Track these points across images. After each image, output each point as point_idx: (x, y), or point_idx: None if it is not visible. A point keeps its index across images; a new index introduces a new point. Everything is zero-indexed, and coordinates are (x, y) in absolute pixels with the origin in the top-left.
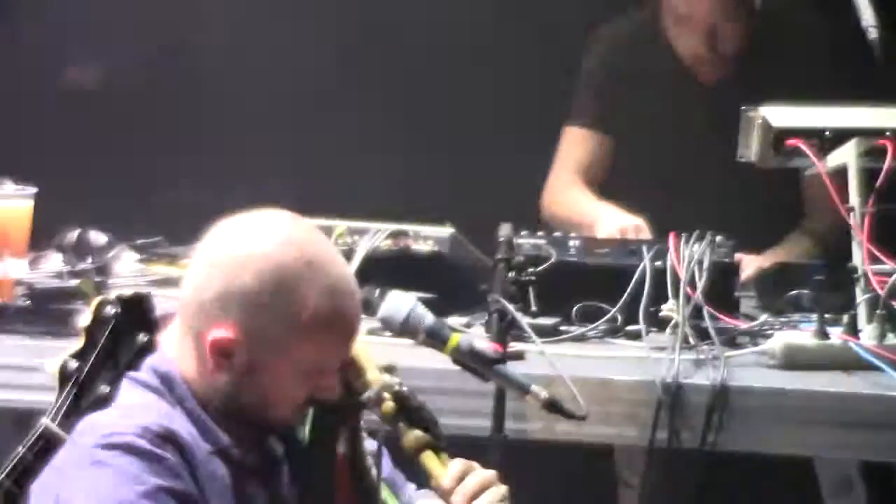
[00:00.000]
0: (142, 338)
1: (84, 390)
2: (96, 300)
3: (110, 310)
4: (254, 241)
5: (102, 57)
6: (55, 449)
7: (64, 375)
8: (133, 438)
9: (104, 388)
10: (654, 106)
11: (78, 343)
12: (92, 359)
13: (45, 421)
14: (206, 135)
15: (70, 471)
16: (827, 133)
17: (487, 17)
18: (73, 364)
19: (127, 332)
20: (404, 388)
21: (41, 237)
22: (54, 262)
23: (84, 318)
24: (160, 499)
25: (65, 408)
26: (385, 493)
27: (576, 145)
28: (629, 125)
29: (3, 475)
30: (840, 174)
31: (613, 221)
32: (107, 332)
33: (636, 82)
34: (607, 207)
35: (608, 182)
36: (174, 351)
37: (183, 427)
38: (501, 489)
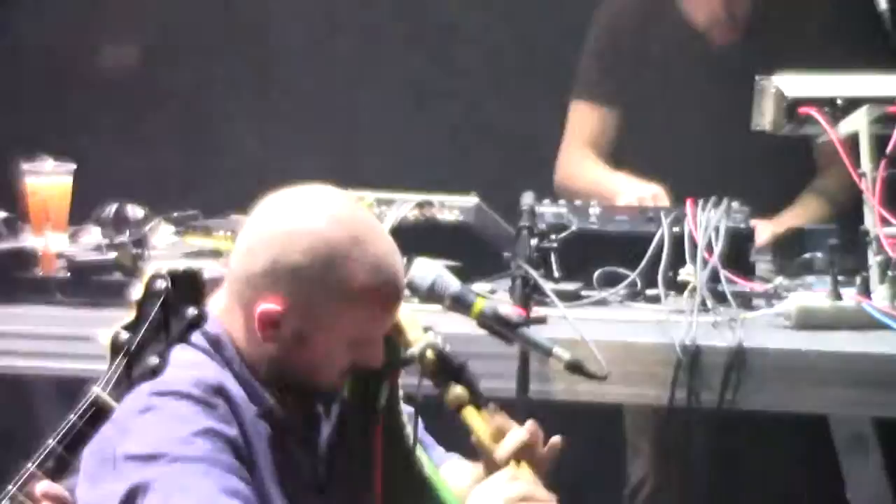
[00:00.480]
0: (191, 311)
1: (135, 361)
2: (147, 274)
3: (161, 284)
4: (301, 217)
5: (134, 34)
6: (105, 417)
7: (115, 346)
8: (187, 387)
9: (154, 360)
10: (667, 72)
11: (129, 315)
12: (143, 331)
13: (96, 389)
14: (238, 111)
15: (124, 418)
16: (839, 101)
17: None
18: (125, 335)
19: (177, 306)
20: (447, 347)
21: (80, 211)
22: (93, 235)
23: (135, 291)
24: (211, 438)
25: (115, 377)
26: (419, 451)
27: (585, 120)
28: (642, 95)
29: (54, 441)
30: (851, 141)
31: (632, 191)
32: (157, 306)
33: (647, 49)
34: (625, 177)
35: (622, 151)
36: (223, 317)
37: (232, 387)
38: (525, 434)
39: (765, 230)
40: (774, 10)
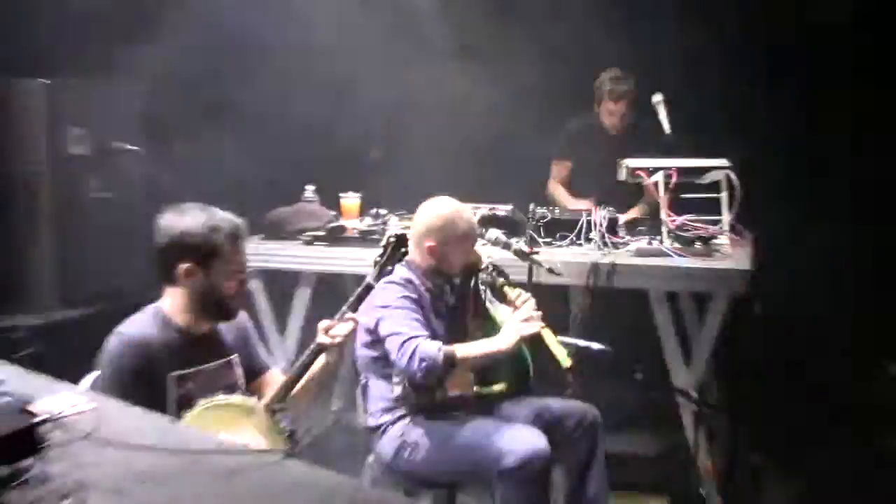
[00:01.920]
0: (403, 251)
1: (383, 268)
2: (388, 234)
3: (393, 238)
4: (438, 207)
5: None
6: (370, 291)
7: (375, 262)
8: (397, 279)
9: (390, 268)
10: (592, 147)
11: (380, 250)
12: (385, 256)
13: (369, 279)
14: (423, 164)
15: (374, 290)
16: (650, 168)
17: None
18: (379, 258)
19: (398, 247)
20: (497, 262)
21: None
22: (368, 221)
23: (383, 241)
24: (406, 300)
25: (376, 274)
26: (490, 307)
27: (560, 167)
28: (582, 158)
29: (353, 300)
30: (657, 183)
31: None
32: (391, 246)
33: (585, 138)
34: (574, 200)
35: (573, 182)
36: (411, 252)
37: (414, 277)
38: (532, 301)
39: (622, 218)
40: (637, 120)
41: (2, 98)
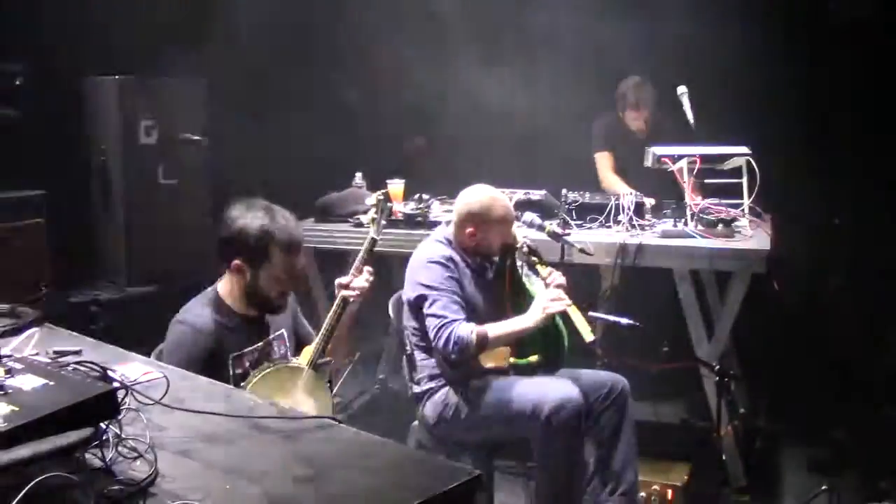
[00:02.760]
0: (390, 206)
1: (378, 223)
2: (375, 195)
3: (381, 196)
4: (477, 194)
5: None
6: (375, 245)
7: (373, 219)
8: (439, 258)
9: (384, 222)
10: (621, 143)
11: (372, 210)
12: (379, 213)
13: (372, 234)
14: (462, 151)
15: (418, 267)
16: (675, 156)
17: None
18: (375, 216)
19: (385, 204)
20: (530, 241)
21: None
22: (411, 205)
23: (372, 200)
24: (449, 280)
25: (376, 229)
26: (525, 281)
27: (604, 157)
28: (615, 149)
29: (361, 256)
30: (682, 170)
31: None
32: (380, 204)
33: (614, 136)
34: (624, 185)
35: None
36: (453, 233)
37: (455, 255)
38: (561, 280)
39: (648, 202)
40: (657, 120)
41: (79, 94)
